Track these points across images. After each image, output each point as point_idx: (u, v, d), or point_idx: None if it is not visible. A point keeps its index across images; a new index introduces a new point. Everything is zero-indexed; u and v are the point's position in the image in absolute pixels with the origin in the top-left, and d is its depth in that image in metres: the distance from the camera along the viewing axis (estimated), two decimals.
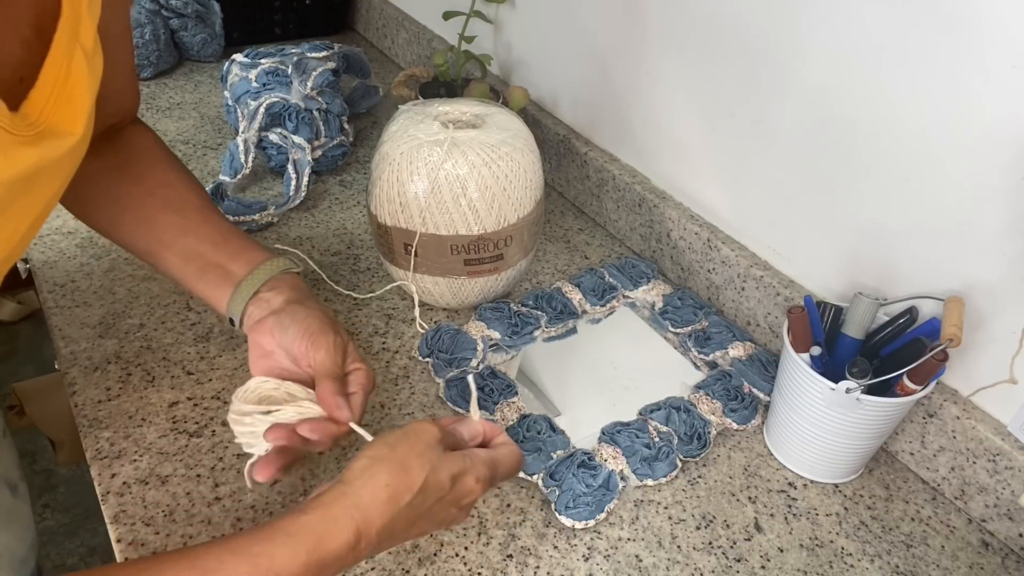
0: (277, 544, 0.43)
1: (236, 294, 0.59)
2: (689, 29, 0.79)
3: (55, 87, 0.42)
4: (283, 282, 0.60)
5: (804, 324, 0.63)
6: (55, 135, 0.42)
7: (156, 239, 0.62)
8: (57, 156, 0.43)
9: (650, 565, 0.60)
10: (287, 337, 0.56)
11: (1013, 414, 0.63)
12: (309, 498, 0.47)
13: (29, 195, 0.43)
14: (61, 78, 0.42)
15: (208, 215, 0.63)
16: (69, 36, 0.42)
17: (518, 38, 1.07)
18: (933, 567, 0.62)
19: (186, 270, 0.61)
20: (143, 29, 1.16)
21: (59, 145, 0.43)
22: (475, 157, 0.71)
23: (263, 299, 0.59)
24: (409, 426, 0.51)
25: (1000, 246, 0.59)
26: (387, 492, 0.46)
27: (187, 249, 0.61)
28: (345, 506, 0.45)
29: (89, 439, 0.65)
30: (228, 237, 0.62)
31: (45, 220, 0.49)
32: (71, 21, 0.42)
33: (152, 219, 0.62)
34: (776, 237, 0.78)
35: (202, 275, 0.61)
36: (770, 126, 0.74)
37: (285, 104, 0.97)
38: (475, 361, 0.74)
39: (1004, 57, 0.55)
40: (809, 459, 0.67)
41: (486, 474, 0.51)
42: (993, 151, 0.58)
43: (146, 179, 0.62)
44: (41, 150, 0.41)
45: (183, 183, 0.64)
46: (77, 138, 0.44)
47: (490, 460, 0.52)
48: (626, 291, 0.86)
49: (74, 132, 0.44)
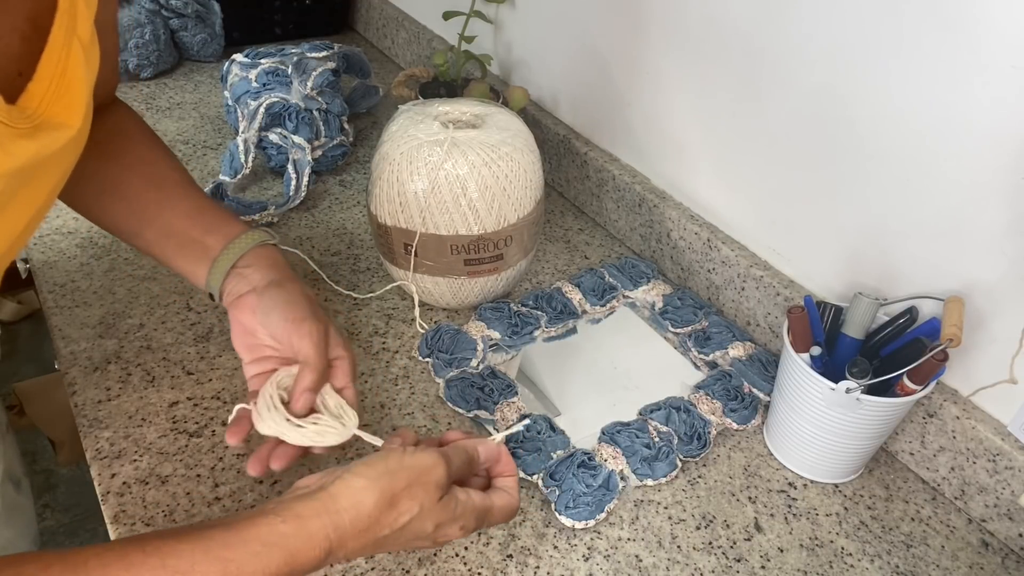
0: (250, 553, 0.42)
1: (214, 269, 0.58)
2: (689, 29, 0.79)
3: (53, 80, 0.42)
4: (260, 257, 0.59)
5: (804, 324, 0.63)
6: (53, 127, 0.42)
7: (137, 216, 0.61)
8: (56, 149, 0.43)
9: (650, 565, 0.60)
10: (269, 322, 0.56)
11: (1013, 414, 0.63)
12: (290, 496, 0.46)
13: (28, 188, 0.43)
14: (59, 71, 0.42)
15: (187, 189, 0.62)
16: (66, 29, 0.42)
17: (518, 38, 1.07)
18: (933, 567, 0.62)
19: (166, 247, 0.61)
20: (143, 29, 1.17)
21: (57, 138, 0.43)
22: (475, 157, 0.71)
23: (241, 274, 0.58)
24: (419, 458, 0.48)
25: (1000, 246, 0.59)
26: (368, 522, 0.45)
27: (166, 225, 0.60)
28: (324, 524, 0.44)
29: (89, 439, 0.65)
30: (203, 210, 0.61)
31: (46, 213, 0.49)
32: (68, 14, 0.42)
33: (132, 196, 0.61)
34: (776, 237, 0.78)
35: (181, 251, 0.60)
36: (770, 126, 0.74)
37: (285, 104, 0.97)
38: (475, 361, 0.74)
39: (1004, 57, 0.55)
40: (809, 459, 0.67)
41: (472, 525, 0.50)
42: (993, 151, 0.58)
43: (125, 156, 0.62)
44: (39, 143, 0.41)
45: (162, 159, 0.63)
46: (75, 130, 0.44)
47: (483, 510, 0.51)
48: (626, 291, 0.86)
49: (72, 124, 0.44)
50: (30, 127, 0.41)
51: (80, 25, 0.44)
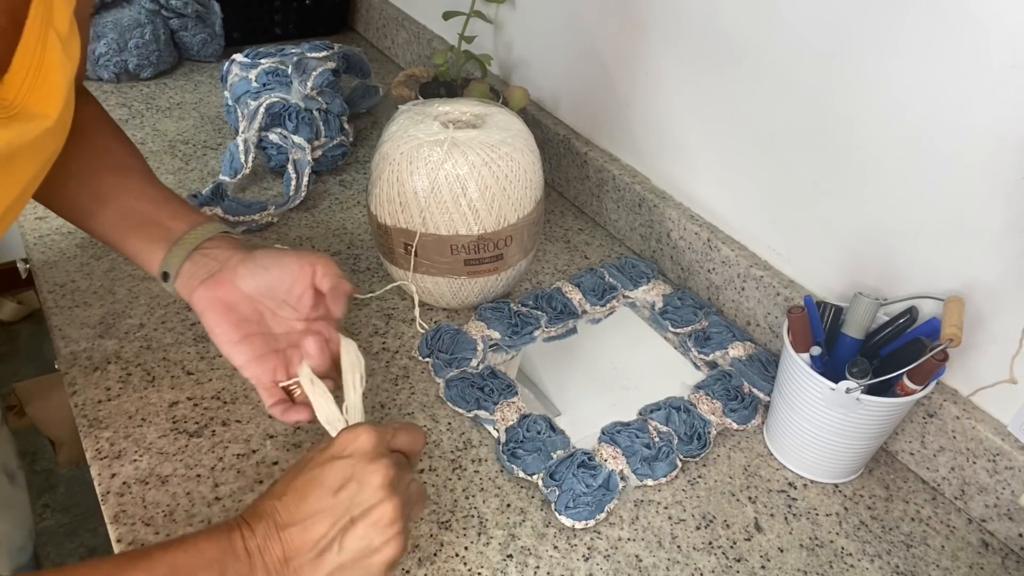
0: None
1: (175, 249, 0.58)
2: (689, 29, 0.79)
3: (30, 71, 0.42)
4: (225, 240, 0.59)
5: (804, 324, 0.63)
6: (29, 117, 0.43)
7: (94, 196, 0.60)
8: (31, 138, 0.43)
9: (650, 565, 0.60)
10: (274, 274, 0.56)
11: (1013, 414, 0.63)
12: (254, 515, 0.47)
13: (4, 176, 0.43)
14: (35, 63, 0.42)
15: (150, 179, 0.62)
16: (42, 22, 0.43)
17: (518, 38, 1.07)
18: (933, 567, 0.62)
19: (119, 225, 0.60)
20: (143, 29, 1.17)
21: (33, 127, 0.43)
22: (475, 157, 0.71)
23: (206, 254, 0.58)
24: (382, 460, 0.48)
25: (1000, 246, 0.59)
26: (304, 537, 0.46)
27: (124, 206, 0.60)
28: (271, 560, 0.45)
29: (89, 439, 0.65)
30: (169, 199, 0.61)
31: (23, 205, 0.49)
32: (43, 7, 0.43)
33: (93, 177, 0.61)
34: (776, 237, 0.78)
35: (137, 230, 0.59)
36: (770, 126, 0.74)
37: (285, 104, 0.97)
38: (475, 361, 0.74)
39: (1004, 57, 0.55)
40: (809, 459, 0.67)
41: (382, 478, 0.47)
42: (993, 151, 0.58)
43: (84, 142, 0.61)
44: (12, 132, 0.41)
45: (126, 149, 0.63)
46: (52, 120, 0.44)
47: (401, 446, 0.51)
48: (626, 291, 0.86)
49: (49, 115, 0.44)
50: (6, 117, 0.41)
51: (57, 18, 0.44)
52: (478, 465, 0.66)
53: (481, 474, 0.66)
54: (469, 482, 0.65)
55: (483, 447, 0.68)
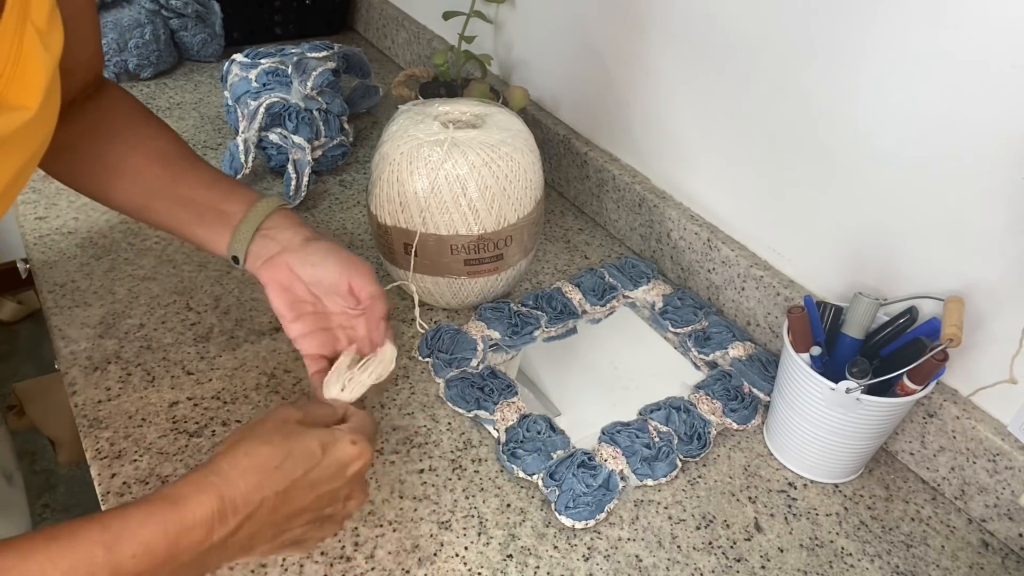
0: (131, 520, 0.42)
1: (237, 234, 0.60)
2: (689, 29, 0.79)
3: (7, 65, 0.42)
4: (284, 218, 0.61)
5: (804, 324, 0.63)
6: (7, 109, 0.43)
7: (146, 191, 0.62)
8: (11, 130, 0.43)
9: (650, 565, 0.60)
10: (322, 270, 0.58)
11: (1013, 414, 0.63)
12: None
13: None
14: (12, 57, 0.43)
15: (194, 161, 0.64)
16: (18, 16, 0.43)
17: (518, 38, 1.07)
18: (933, 567, 0.62)
19: (181, 217, 0.62)
20: (143, 29, 1.17)
21: (12, 119, 0.43)
22: (475, 157, 0.71)
23: (268, 236, 0.60)
24: (269, 411, 0.52)
25: (1000, 246, 0.59)
26: (248, 460, 0.46)
27: (179, 196, 0.62)
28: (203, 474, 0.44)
29: (89, 439, 0.65)
30: (217, 179, 0.63)
31: (14, 197, 0.49)
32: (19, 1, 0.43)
33: (139, 173, 0.62)
34: (776, 237, 0.78)
35: (199, 219, 0.61)
36: (770, 126, 0.74)
37: (285, 104, 0.97)
38: (475, 361, 0.74)
39: (1004, 57, 0.55)
40: (809, 459, 0.67)
41: (360, 437, 0.50)
42: (993, 151, 0.58)
43: (126, 135, 0.63)
44: None
45: (163, 135, 0.64)
46: (32, 112, 0.44)
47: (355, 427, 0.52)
48: (626, 291, 0.86)
49: (29, 107, 0.44)
50: None
51: (34, 12, 0.44)
52: (478, 465, 0.66)
53: (481, 474, 0.66)
54: (469, 482, 0.65)
55: (483, 447, 0.68)
